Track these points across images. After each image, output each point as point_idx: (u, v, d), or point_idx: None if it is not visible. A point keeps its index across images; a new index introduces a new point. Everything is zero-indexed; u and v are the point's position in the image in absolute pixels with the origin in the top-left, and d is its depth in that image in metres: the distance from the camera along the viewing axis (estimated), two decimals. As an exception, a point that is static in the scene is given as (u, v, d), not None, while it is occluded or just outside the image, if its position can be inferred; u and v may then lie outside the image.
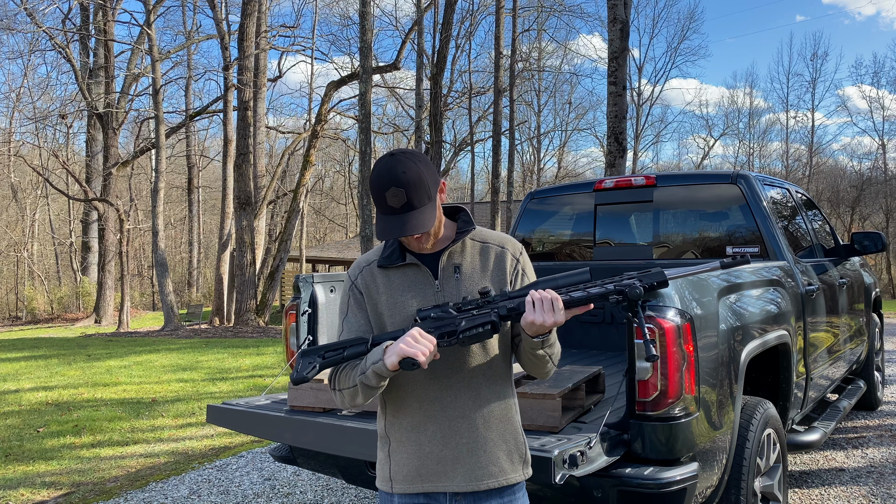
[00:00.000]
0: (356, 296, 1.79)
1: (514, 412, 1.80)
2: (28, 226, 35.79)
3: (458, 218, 1.81)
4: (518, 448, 1.77)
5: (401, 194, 1.58)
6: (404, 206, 1.59)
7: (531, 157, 43.97)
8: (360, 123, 13.40)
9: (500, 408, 1.74)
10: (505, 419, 1.75)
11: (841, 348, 4.65)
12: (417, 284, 1.74)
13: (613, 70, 8.69)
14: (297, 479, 4.78)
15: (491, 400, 1.73)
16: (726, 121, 45.04)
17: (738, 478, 2.83)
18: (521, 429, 1.81)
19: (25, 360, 12.68)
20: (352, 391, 1.66)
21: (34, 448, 6.03)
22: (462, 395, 1.71)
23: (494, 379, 1.74)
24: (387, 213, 1.62)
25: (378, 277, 1.77)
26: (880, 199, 36.08)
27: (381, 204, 1.61)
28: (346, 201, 44.82)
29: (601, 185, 4.67)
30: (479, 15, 27.24)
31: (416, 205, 1.60)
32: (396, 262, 1.75)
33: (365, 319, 1.77)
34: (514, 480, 1.74)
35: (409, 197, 1.59)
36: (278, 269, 20.38)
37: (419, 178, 1.60)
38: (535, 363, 1.71)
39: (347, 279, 1.83)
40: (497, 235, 1.82)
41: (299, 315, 3.52)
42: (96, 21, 25.91)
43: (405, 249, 1.76)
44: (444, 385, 1.70)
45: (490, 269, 1.76)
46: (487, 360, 1.73)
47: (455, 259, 1.76)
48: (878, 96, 49.53)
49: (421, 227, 1.60)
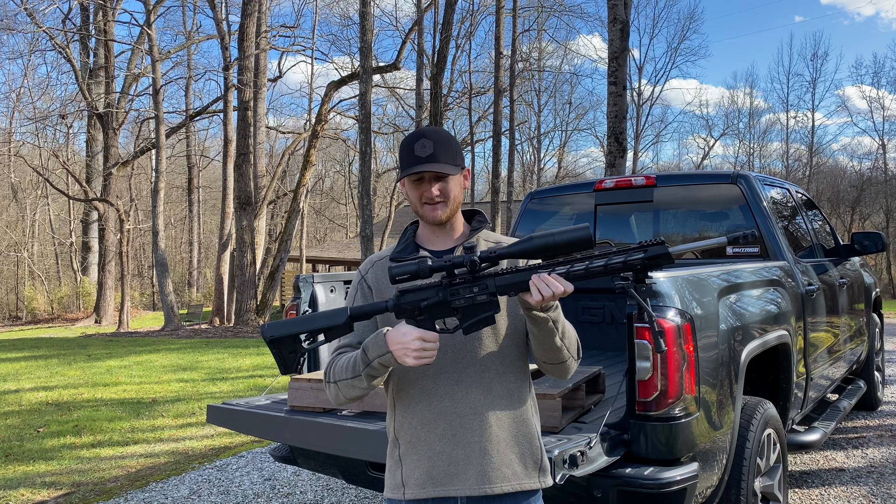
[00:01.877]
0: (364, 290, 1.80)
1: (531, 414, 1.76)
2: (28, 226, 35.79)
3: (474, 219, 1.84)
4: (533, 453, 1.73)
5: (429, 145, 1.68)
6: (430, 157, 1.67)
7: (531, 157, 43.99)
8: (360, 123, 13.40)
9: (514, 406, 1.71)
10: (520, 420, 1.72)
11: (841, 348, 4.65)
12: None
13: (613, 70, 8.69)
14: (297, 479, 4.78)
15: (504, 397, 1.70)
16: (726, 121, 45.03)
17: (738, 478, 2.82)
18: (539, 433, 1.76)
19: (25, 360, 12.68)
20: (348, 383, 1.64)
21: (34, 448, 6.03)
22: (474, 390, 1.68)
23: (507, 375, 1.71)
24: (413, 163, 1.68)
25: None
26: (880, 199, 36.07)
27: (408, 156, 1.69)
28: (346, 201, 44.81)
29: (601, 185, 4.66)
30: (479, 15, 27.27)
31: (442, 159, 1.68)
32: (409, 257, 1.74)
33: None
34: (528, 487, 1.70)
35: (436, 150, 1.68)
36: (278, 269, 20.37)
37: (448, 140, 1.72)
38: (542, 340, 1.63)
39: (357, 275, 1.85)
40: (509, 239, 1.83)
41: (299, 315, 3.52)
42: (96, 21, 25.91)
43: (418, 246, 1.78)
44: (455, 379, 1.69)
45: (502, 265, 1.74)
46: (500, 354, 1.71)
47: None
48: (878, 96, 49.47)
49: (442, 169, 1.67)
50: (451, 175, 1.71)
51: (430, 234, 1.79)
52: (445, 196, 1.71)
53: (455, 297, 1.57)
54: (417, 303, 1.58)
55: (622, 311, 4.35)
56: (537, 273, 1.53)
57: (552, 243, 1.53)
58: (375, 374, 1.61)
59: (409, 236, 1.82)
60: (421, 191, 1.72)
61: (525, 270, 1.55)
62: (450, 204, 1.72)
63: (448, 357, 1.68)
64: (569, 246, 1.53)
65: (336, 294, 3.67)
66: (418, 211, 1.75)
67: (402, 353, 1.54)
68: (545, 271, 1.53)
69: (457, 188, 1.73)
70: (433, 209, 1.71)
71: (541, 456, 1.75)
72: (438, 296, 1.57)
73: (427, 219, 1.74)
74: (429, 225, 1.77)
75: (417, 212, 1.75)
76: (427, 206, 1.72)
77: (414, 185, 1.73)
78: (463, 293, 1.56)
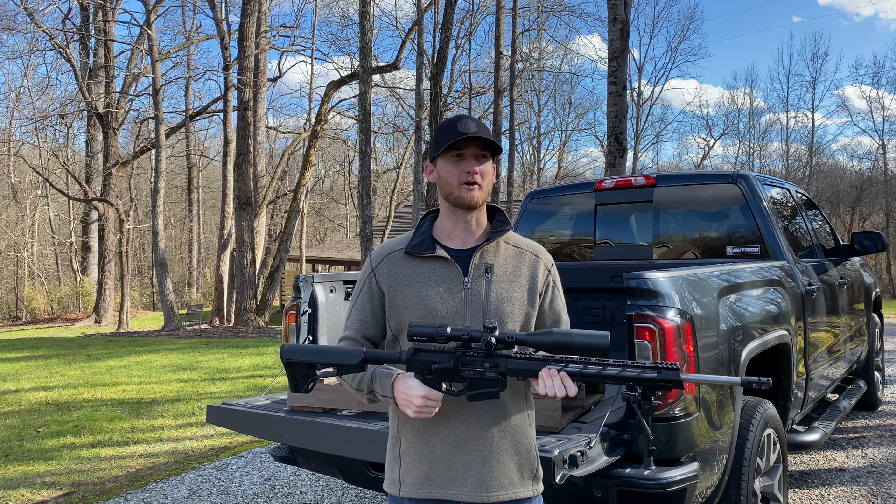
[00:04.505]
0: (371, 286, 1.76)
1: (530, 425, 1.77)
2: (28, 226, 35.79)
3: (494, 218, 1.79)
4: (530, 463, 1.74)
5: (472, 124, 1.67)
6: (475, 133, 1.66)
7: (531, 157, 44.01)
8: (360, 123, 13.40)
9: (516, 417, 1.72)
10: (520, 431, 1.73)
11: (841, 348, 4.65)
12: (445, 280, 1.69)
13: (613, 70, 8.68)
14: (297, 479, 4.78)
15: (509, 407, 1.70)
16: (726, 121, 45.05)
17: (738, 478, 2.82)
18: (535, 444, 1.78)
19: (25, 360, 12.68)
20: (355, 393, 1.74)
21: (34, 448, 6.03)
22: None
23: (514, 387, 1.71)
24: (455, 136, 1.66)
25: (402, 267, 1.73)
26: (880, 199, 36.10)
27: (450, 132, 1.66)
28: (346, 201, 44.81)
29: (601, 185, 4.66)
30: (479, 15, 27.23)
31: (486, 135, 1.67)
32: (426, 252, 1.71)
33: (372, 313, 1.75)
34: (523, 495, 1.71)
35: (479, 128, 1.67)
36: (278, 269, 20.37)
37: (486, 126, 1.72)
38: None
39: (368, 265, 1.79)
40: (530, 242, 1.82)
41: (299, 315, 3.52)
42: (96, 21, 25.91)
43: (436, 241, 1.73)
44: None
45: (523, 274, 1.73)
46: None
47: (488, 258, 1.72)
48: (878, 96, 49.59)
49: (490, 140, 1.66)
50: (490, 157, 1.70)
51: (452, 228, 1.73)
52: (483, 177, 1.68)
53: (466, 368, 1.60)
54: (429, 364, 1.61)
55: (622, 311, 4.35)
56: (549, 366, 1.55)
57: (568, 343, 1.56)
58: (376, 401, 1.69)
59: (427, 229, 1.75)
60: (462, 168, 1.67)
61: (538, 360, 1.58)
62: (485, 188, 1.70)
63: None
64: (585, 350, 1.56)
65: (336, 294, 3.67)
66: (453, 193, 1.68)
67: (404, 405, 1.59)
68: (558, 366, 1.55)
69: (492, 173, 1.72)
70: (471, 189, 1.67)
71: (537, 465, 1.76)
72: (450, 363, 1.60)
73: (464, 200, 1.67)
74: (453, 214, 1.72)
75: (452, 193, 1.68)
76: (464, 187, 1.67)
77: (453, 163, 1.68)
78: (474, 366, 1.60)
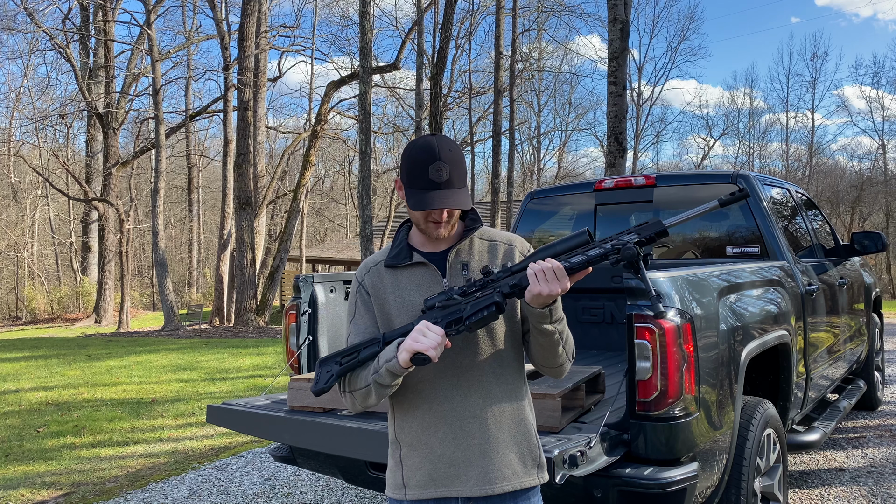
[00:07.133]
0: (363, 297, 1.78)
1: (528, 413, 1.77)
2: (28, 226, 35.79)
3: (466, 216, 1.81)
4: (531, 451, 1.74)
5: (445, 169, 1.62)
6: (446, 183, 1.62)
7: (531, 157, 44.03)
8: (360, 123, 13.40)
9: (512, 407, 1.72)
10: (518, 420, 1.73)
11: (841, 348, 4.65)
12: (426, 283, 1.73)
13: (613, 70, 8.68)
14: (297, 479, 4.78)
15: (502, 399, 1.71)
16: (726, 121, 45.10)
17: (738, 478, 2.82)
18: (535, 431, 1.78)
19: (25, 360, 12.68)
20: (364, 392, 1.66)
21: (34, 448, 6.03)
22: (473, 394, 1.69)
23: (505, 377, 1.72)
24: (427, 187, 1.63)
25: (385, 278, 1.76)
26: (880, 199, 36.10)
27: (421, 177, 1.63)
28: (346, 201, 44.82)
29: (601, 185, 4.67)
30: (479, 15, 27.27)
31: (457, 184, 1.64)
32: (404, 262, 1.75)
33: (372, 321, 1.76)
34: (527, 484, 1.71)
35: (451, 174, 1.63)
36: (278, 269, 20.38)
37: (461, 160, 1.66)
38: (547, 349, 1.67)
39: (355, 280, 1.82)
40: (505, 234, 1.82)
41: (299, 315, 3.53)
42: (96, 21, 25.92)
43: (412, 249, 1.76)
44: (453, 384, 1.70)
45: (498, 264, 1.75)
46: (497, 357, 1.72)
47: (463, 256, 1.75)
48: (878, 96, 49.61)
49: (462, 203, 1.63)
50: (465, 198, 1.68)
51: (426, 238, 1.77)
52: (451, 216, 1.70)
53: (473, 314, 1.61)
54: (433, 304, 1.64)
55: (622, 311, 4.35)
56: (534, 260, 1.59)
57: (553, 254, 1.60)
58: (382, 382, 1.61)
59: (403, 239, 1.79)
60: (428, 215, 1.68)
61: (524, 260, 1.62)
62: (453, 221, 1.71)
63: (446, 361, 1.68)
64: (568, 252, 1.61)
65: (336, 294, 3.68)
66: (420, 225, 1.72)
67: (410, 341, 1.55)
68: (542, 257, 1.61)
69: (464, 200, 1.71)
70: (437, 227, 1.69)
71: (539, 453, 1.76)
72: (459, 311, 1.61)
73: (431, 234, 1.71)
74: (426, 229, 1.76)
75: (419, 225, 1.72)
76: (431, 224, 1.69)
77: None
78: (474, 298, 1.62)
